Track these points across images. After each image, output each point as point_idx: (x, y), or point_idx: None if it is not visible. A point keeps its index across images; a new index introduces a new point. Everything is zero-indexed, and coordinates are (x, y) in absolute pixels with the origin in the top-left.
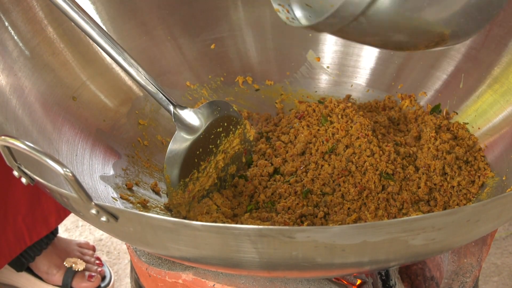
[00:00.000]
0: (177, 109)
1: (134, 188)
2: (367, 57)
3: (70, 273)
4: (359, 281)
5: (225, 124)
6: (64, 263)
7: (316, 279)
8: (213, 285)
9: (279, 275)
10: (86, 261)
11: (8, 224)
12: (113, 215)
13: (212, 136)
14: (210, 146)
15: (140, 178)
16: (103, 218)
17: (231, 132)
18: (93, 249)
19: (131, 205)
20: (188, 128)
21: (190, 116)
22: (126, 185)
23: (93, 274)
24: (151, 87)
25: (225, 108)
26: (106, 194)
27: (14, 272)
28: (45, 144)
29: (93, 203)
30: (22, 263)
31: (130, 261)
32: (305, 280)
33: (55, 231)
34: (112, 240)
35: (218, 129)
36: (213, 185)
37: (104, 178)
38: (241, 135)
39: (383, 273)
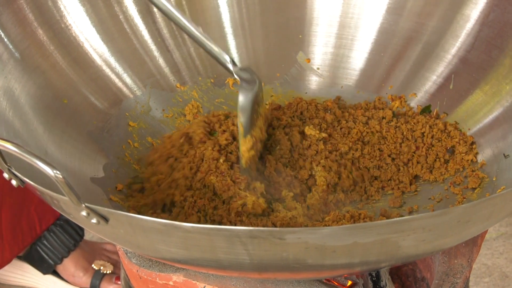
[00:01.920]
0: (236, 65)
1: (124, 190)
2: (357, 58)
3: (99, 276)
4: (349, 282)
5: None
6: (93, 266)
7: (306, 280)
8: (204, 287)
9: (269, 276)
10: (113, 264)
11: (23, 215)
12: (103, 217)
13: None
14: (256, 106)
15: (130, 180)
16: (94, 220)
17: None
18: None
19: (121, 206)
20: (248, 82)
21: (246, 72)
22: (116, 187)
23: (119, 276)
24: (214, 47)
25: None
26: (96, 196)
27: (39, 275)
28: (35, 146)
29: (83, 205)
30: (50, 265)
31: (121, 263)
32: (296, 281)
33: (82, 232)
34: None
35: (258, 89)
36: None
37: (94, 180)
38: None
39: (374, 274)
